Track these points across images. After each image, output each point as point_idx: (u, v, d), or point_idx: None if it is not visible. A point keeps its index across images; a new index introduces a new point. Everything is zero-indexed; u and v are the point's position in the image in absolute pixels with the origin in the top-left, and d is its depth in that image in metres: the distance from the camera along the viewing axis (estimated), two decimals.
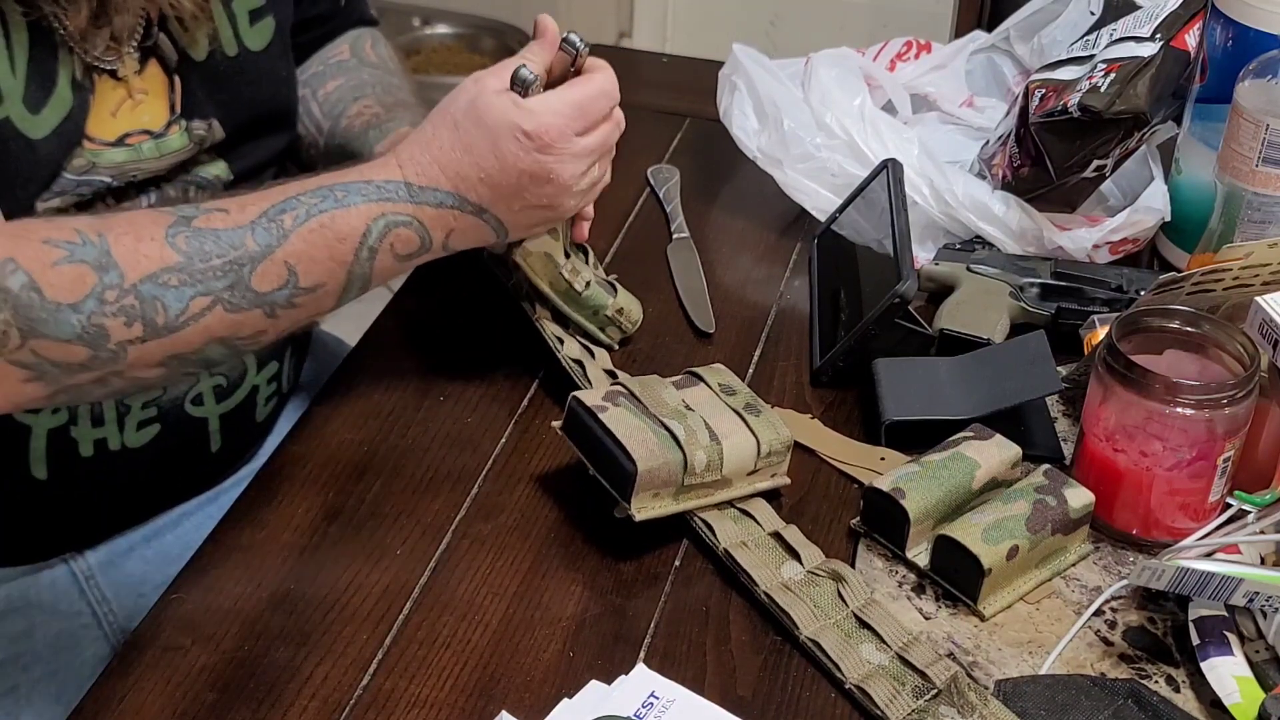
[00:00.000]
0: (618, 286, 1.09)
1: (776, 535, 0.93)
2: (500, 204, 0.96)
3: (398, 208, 0.93)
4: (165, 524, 1.13)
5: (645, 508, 0.91)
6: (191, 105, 1.01)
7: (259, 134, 1.07)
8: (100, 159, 0.96)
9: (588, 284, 1.06)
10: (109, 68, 0.96)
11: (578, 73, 0.99)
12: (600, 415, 0.92)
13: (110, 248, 0.85)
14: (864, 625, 0.87)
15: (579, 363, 1.06)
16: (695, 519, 0.94)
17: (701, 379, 0.99)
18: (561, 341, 1.07)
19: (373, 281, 0.95)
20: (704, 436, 0.93)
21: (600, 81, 0.98)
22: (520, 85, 0.95)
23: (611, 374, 1.06)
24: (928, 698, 0.82)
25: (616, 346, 1.11)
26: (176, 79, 1.00)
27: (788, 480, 0.98)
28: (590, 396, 0.94)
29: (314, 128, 1.17)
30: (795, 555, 0.92)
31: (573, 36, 0.98)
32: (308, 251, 0.90)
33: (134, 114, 0.98)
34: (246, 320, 0.90)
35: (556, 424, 0.96)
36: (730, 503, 0.95)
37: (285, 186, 0.92)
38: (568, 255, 1.05)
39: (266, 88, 1.06)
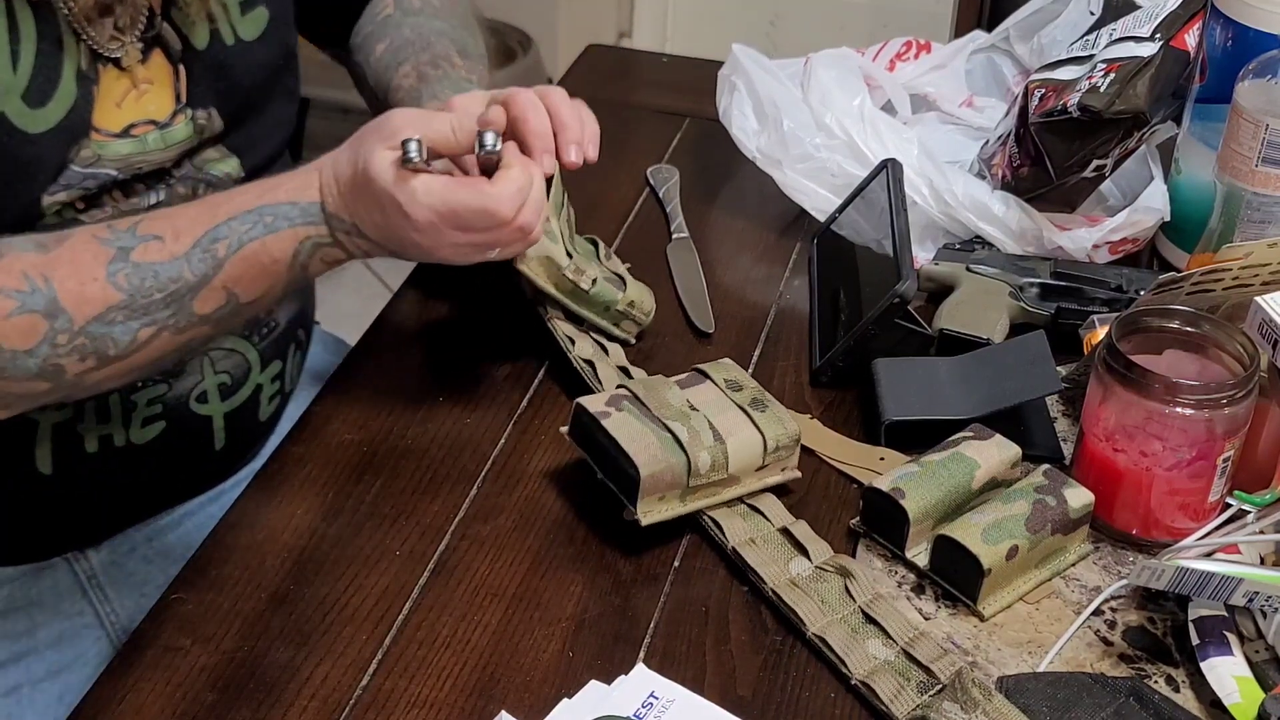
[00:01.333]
0: (627, 278, 1.09)
1: (785, 531, 0.94)
2: (397, 247, 0.95)
3: (319, 230, 0.94)
4: (167, 524, 1.14)
5: (651, 511, 0.91)
6: (194, 94, 1.01)
7: (258, 125, 1.07)
8: (106, 151, 0.96)
9: (594, 281, 1.06)
10: (113, 56, 0.96)
11: (494, 169, 0.93)
12: (603, 422, 0.92)
13: (57, 293, 0.88)
14: (870, 621, 0.87)
15: (590, 363, 1.05)
16: (704, 517, 0.94)
17: (707, 376, 0.99)
18: (573, 341, 1.07)
19: (312, 280, 1.01)
20: (708, 437, 0.93)
21: (491, 199, 0.91)
22: (405, 156, 0.89)
23: (625, 370, 1.06)
24: (932, 693, 0.82)
25: (634, 341, 1.11)
26: (182, 68, 1.00)
27: (798, 474, 0.98)
28: (593, 403, 0.94)
29: (372, 97, 1.19)
30: (804, 551, 0.92)
31: (486, 135, 0.91)
32: (244, 275, 0.93)
33: (139, 104, 0.98)
34: (195, 335, 0.94)
35: (564, 429, 0.96)
36: (740, 499, 0.95)
37: (216, 208, 0.93)
38: (570, 255, 1.05)
39: (261, 77, 1.06)
